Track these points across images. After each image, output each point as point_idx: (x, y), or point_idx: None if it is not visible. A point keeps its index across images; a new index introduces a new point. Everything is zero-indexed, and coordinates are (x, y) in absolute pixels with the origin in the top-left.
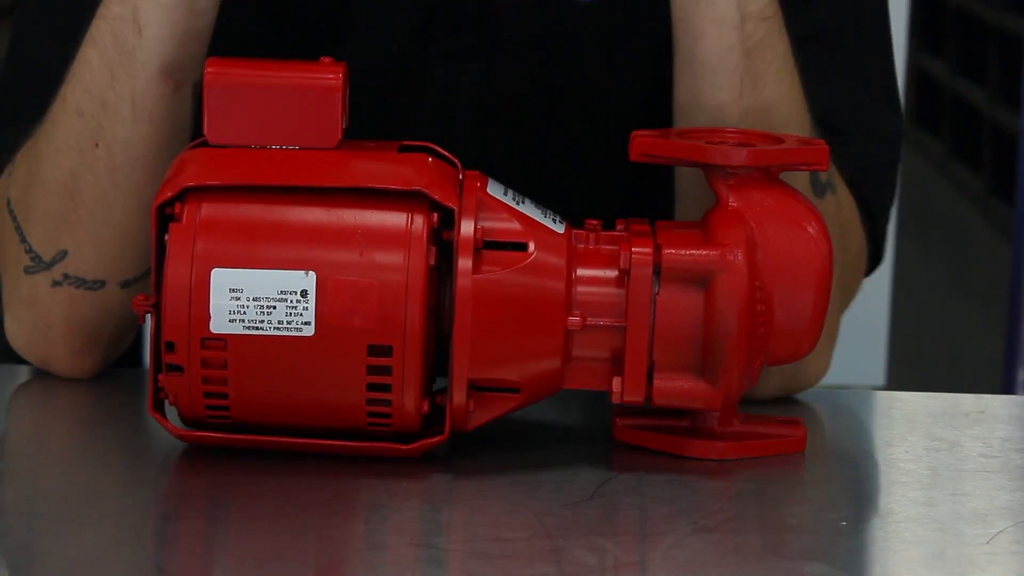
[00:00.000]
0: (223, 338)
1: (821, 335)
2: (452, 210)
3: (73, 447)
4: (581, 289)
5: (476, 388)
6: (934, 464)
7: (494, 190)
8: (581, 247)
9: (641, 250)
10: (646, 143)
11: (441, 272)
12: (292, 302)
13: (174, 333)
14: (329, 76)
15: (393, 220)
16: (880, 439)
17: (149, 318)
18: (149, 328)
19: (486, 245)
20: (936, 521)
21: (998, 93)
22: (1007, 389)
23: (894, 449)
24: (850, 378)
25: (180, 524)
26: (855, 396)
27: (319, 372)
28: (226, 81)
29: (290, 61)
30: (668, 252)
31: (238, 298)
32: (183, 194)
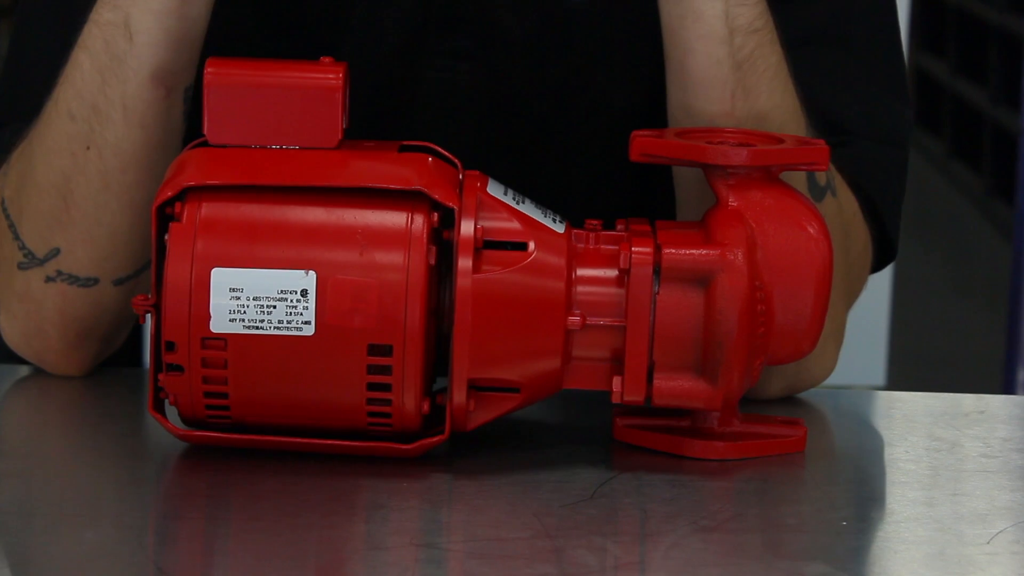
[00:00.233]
0: (223, 338)
1: (826, 334)
2: (452, 210)
3: (73, 447)
4: (581, 289)
5: (476, 388)
6: (934, 464)
7: (494, 190)
8: (581, 247)
9: (641, 250)
10: (646, 143)
11: (441, 272)
12: (292, 302)
13: (174, 333)
14: (329, 76)
15: (393, 220)
16: (880, 439)
17: (149, 318)
18: (149, 328)
19: (486, 245)
20: (936, 521)
21: (998, 93)
22: (1007, 389)
23: (894, 449)
24: (850, 378)
25: (180, 524)
26: (855, 396)
27: (319, 372)
28: (226, 81)
29: (290, 61)
30: (668, 252)
31: (238, 298)
32: (183, 194)
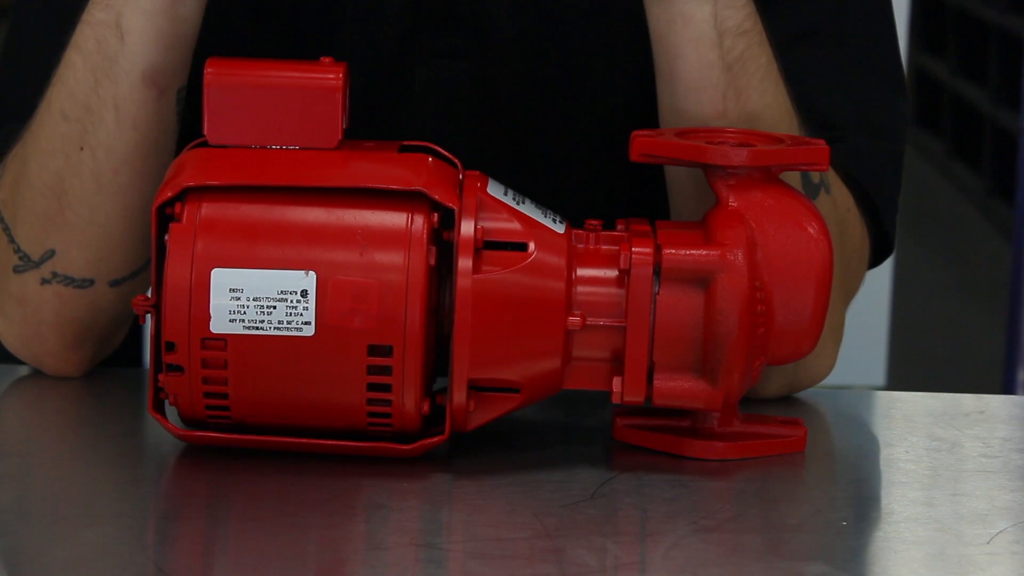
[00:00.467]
0: (223, 338)
1: (825, 332)
2: (452, 210)
3: (73, 447)
4: (581, 289)
5: (476, 388)
6: (934, 464)
7: (494, 190)
8: (581, 247)
9: (641, 250)
10: (646, 143)
11: (441, 272)
12: (292, 302)
13: (174, 333)
14: (329, 76)
15: (393, 220)
16: (880, 439)
17: (149, 318)
18: (149, 328)
19: (486, 245)
20: (936, 521)
21: (998, 93)
22: (1007, 389)
23: (894, 449)
24: (850, 378)
25: (180, 524)
26: (855, 396)
27: (319, 372)
28: (226, 81)
29: (290, 61)
30: (668, 252)
31: (238, 298)
32: (183, 194)
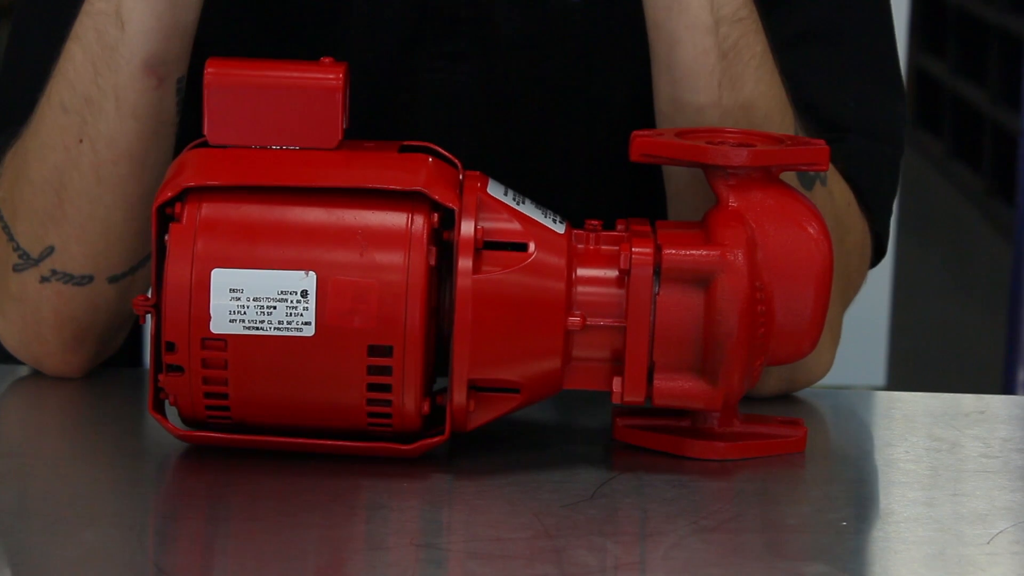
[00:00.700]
0: (223, 338)
1: (823, 331)
2: (452, 210)
3: (73, 447)
4: (581, 289)
5: (476, 388)
6: (934, 464)
7: (494, 190)
8: (581, 247)
9: (641, 250)
10: (646, 143)
11: (441, 272)
12: (292, 302)
13: (174, 333)
14: (329, 76)
15: (393, 220)
16: (880, 439)
17: (149, 318)
18: (149, 328)
19: (486, 245)
20: (936, 521)
21: (998, 93)
22: (1007, 389)
23: (894, 449)
24: (850, 378)
25: (180, 524)
26: (855, 396)
27: (319, 372)
28: (226, 81)
29: (290, 61)
30: (668, 252)
31: (238, 298)
32: (183, 194)
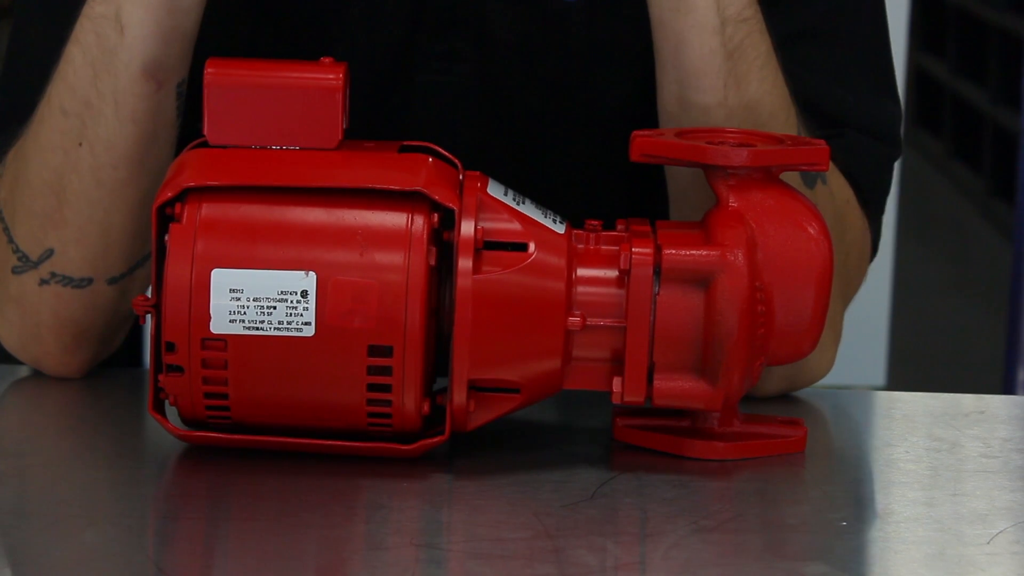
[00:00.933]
0: (223, 338)
1: (824, 330)
2: (452, 210)
3: (73, 447)
4: (581, 289)
5: (476, 388)
6: (934, 464)
7: (494, 190)
8: (581, 247)
9: (641, 250)
10: (646, 143)
11: (441, 272)
12: (292, 302)
13: (174, 333)
14: (330, 76)
15: (393, 220)
16: (880, 439)
17: (149, 318)
18: (149, 328)
19: (486, 245)
20: (936, 521)
21: (998, 93)
22: (1007, 389)
23: (894, 449)
24: (850, 378)
25: (180, 524)
26: (855, 396)
27: (319, 372)
28: (226, 81)
29: (290, 61)
30: (668, 252)
31: (238, 298)
32: (183, 194)
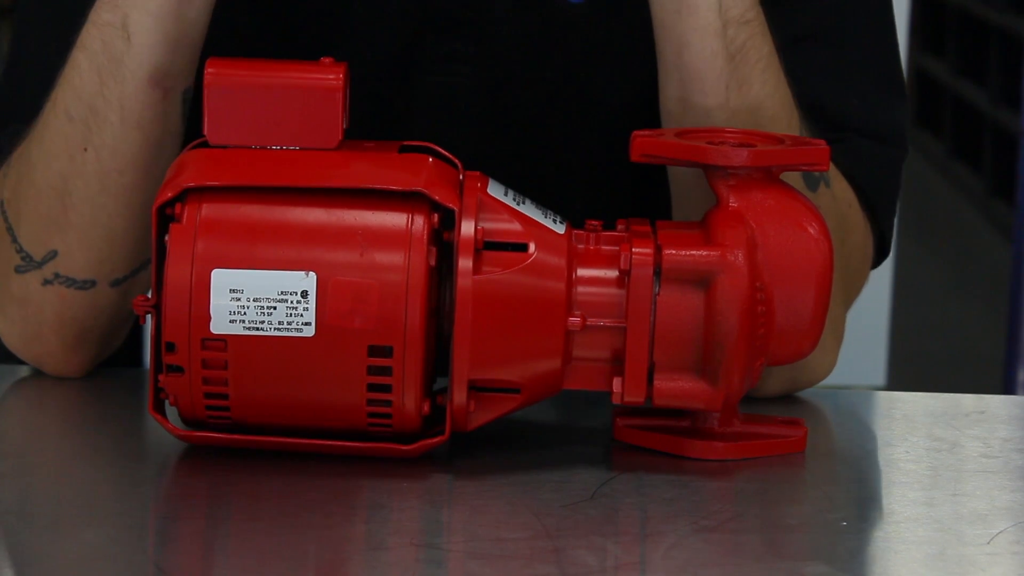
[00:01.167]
0: (223, 338)
1: (825, 331)
2: (452, 211)
3: (73, 447)
4: (581, 289)
5: (476, 388)
6: (934, 464)
7: (494, 191)
8: (581, 247)
9: (641, 251)
10: (646, 143)
11: (441, 273)
12: (292, 303)
13: (174, 334)
14: (330, 76)
15: (393, 221)
16: (880, 439)
17: (149, 318)
18: (149, 329)
19: (486, 246)
20: (936, 521)
21: (999, 93)
22: (1007, 389)
23: (894, 449)
24: (850, 378)
25: (180, 524)
26: (855, 396)
27: (319, 373)
28: (226, 81)
29: (290, 61)
30: (668, 253)
31: (238, 299)
32: (183, 195)
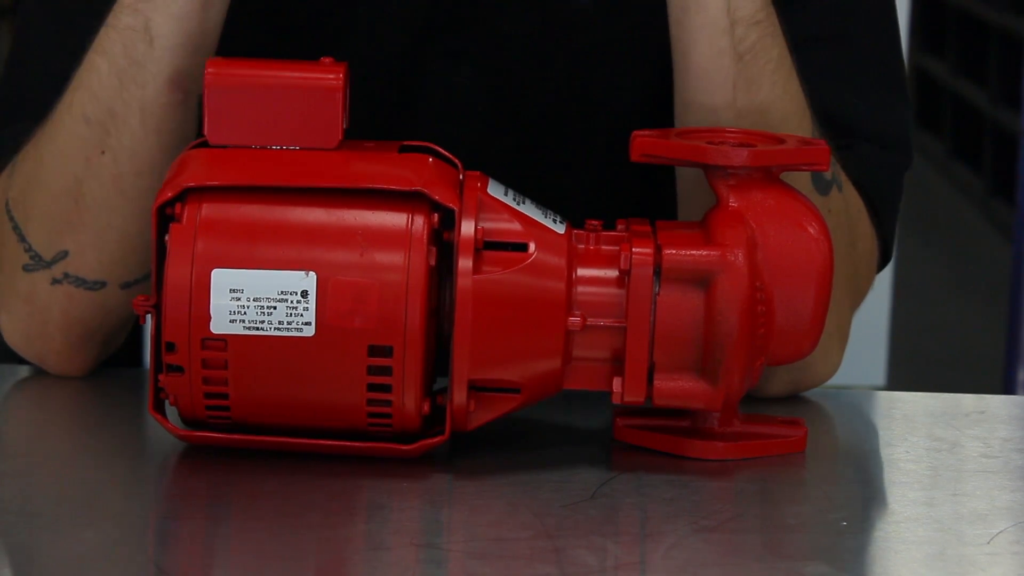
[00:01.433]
0: (223, 338)
1: (830, 332)
2: (452, 210)
3: (73, 447)
4: (581, 289)
5: (476, 388)
6: (935, 464)
7: (494, 190)
8: (581, 247)
9: (641, 250)
10: (646, 143)
11: (441, 272)
12: (292, 302)
13: (174, 333)
14: (329, 76)
15: (393, 220)
16: (880, 439)
17: (149, 318)
18: (149, 328)
19: (486, 245)
20: (937, 521)
21: (998, 93)
22: (1007, 389)
23: (894, 449)
24: (850, 378)
25: (180, 524)
26: (855, 396)
27: (319, 372)
28: (226, 81)
29: (290, 61)
30: (668, 252)
31: (238, 298)
32: (183, 194)
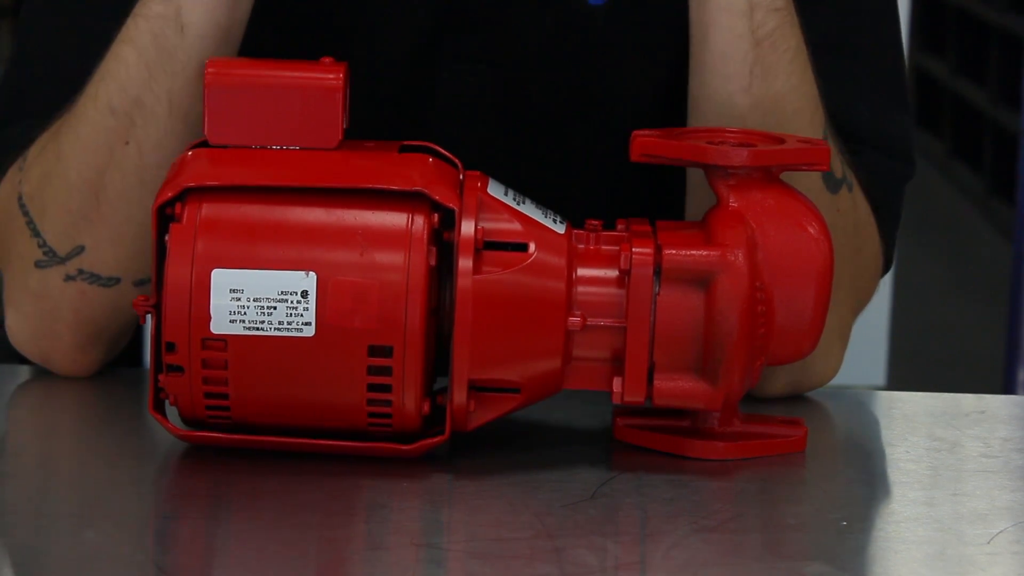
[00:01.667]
0: (223, 338)
1: (832, 335)
2: (453, 210)
3: (73, 447)
4: (581, 289)
5: (476, 388)
6: (935, 464)
7: (494, 190)
8: (582, 247)
9: (642, 250)
10: (647, 143)
11: (442, 272)
12: (292, 303)
13: (174, 333)
14: (329, 76)
15: (393, 220)
16: (880, 439)
17: (149, 318)
18: (149, 328)
19: (487, 245)
20: (937, 521)
21: (998, 93)
22: (1007, 389)
23: (895, 449)
24: (850, 378)
25: (180, 524)
26: (855, 396)
27: (319, 372)
28: (226, 81)
29: (291, 61)
30: (669, 252)
31: (239, 298)
32: (183, 194)
